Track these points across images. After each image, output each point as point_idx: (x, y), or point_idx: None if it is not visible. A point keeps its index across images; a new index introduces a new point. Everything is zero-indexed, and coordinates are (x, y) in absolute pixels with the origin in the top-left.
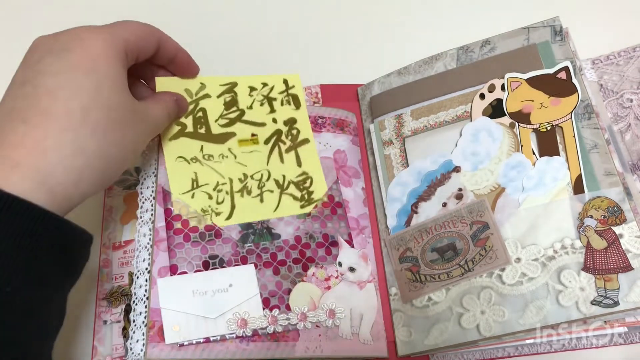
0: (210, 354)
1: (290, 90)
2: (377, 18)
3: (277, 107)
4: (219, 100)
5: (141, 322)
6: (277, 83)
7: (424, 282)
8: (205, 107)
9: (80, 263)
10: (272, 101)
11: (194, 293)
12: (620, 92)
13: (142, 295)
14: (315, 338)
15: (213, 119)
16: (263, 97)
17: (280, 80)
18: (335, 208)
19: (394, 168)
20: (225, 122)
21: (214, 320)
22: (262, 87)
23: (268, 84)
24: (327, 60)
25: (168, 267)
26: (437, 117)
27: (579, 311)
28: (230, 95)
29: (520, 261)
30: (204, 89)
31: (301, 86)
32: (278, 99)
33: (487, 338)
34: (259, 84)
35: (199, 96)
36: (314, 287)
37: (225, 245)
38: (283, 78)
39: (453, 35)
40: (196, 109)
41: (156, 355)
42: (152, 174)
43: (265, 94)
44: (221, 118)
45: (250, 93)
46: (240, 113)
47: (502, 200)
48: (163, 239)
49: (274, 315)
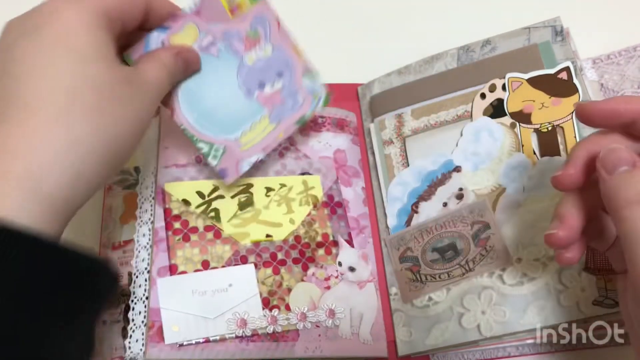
0: (210, 354)
1: (309, 191)
2: (377, 18)
3: (296, 207)
4: (233, 201)
5: (140, 322)
6: (295, 184)
7: (424, 282)
8: (218, 208)
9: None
10: (290, 202)
11: (194, 293)
12: (621, 92)
13: (142, 295)
14: (315, 338)
15: (226, 219)
16: (280, 198)
17: (299, 181)
18: (335, 208)
19: (395, 168)
20: (239, 222)
21: (213, 320)
22: (280, 187)
23: (286, 185)
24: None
25: (167, 267)
26: (438, 117)
27: (580, 311)
28: (245, 195)
29: (521, 261)
30: (217, 190)
31: (320, 187)
32: (297, 199)
33: (487, 338)
34: (277, 184)
35: (212, 197)
36: (314, 287)
37: (225, 245)
38: (302, 179)
39: (454, 35)
40: (208, 209)
41: (156, 355)
42: (152, 174)
43: (283, 194)
44: (234, 218)
45: (267, 193)
46: (255, 213)
47: (503, 200)
48: (162, 239)
49: (273, 315)
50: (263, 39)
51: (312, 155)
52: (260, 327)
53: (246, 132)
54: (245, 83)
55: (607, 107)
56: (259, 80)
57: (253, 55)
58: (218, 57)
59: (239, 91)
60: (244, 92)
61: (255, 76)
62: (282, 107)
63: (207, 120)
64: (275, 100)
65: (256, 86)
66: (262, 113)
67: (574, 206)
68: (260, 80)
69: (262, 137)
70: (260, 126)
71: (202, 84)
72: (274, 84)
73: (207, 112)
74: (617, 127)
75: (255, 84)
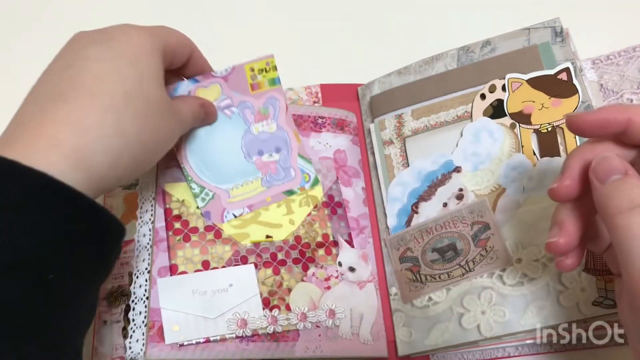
0: (210, 354)
1: (309, 192)
2: (377, 18)
3: (295, 208)
4: None
5: (141, 322)
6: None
7: (424, 282)
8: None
9: (113, 257)
10: (290, 202)
11: (194, 293)
12: (621, 92)
13: (142, 295)
14: (315, 338)
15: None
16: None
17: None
18: (335, 208)
19: (395, 168)
20: (239, 223)
21: (213, 320)
22: None
23: None
24: (327, 60)
25: (168, 267)
26: (438, 117)
27: (579, 312)
28: None
29: (521, 262)
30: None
31: (320, 187)
32: (296, 200)
33: (487, 338)
34: None
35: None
36: (314, 287)
37: (225, 245)
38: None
39: (454, 35)
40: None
41: (156, 355)
42: (152, 174)
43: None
44: (234, 219)
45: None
46: (255, 214)
47: (503, 200)
48: (163, 239)
49: (274, 315)
50: (271, 117)
51: (312, 155)
52: (260, 327)
53: (238, 186)
54: (247, 147)
55: (596, 117)
56: (259, 149)
57: (259, 127)
58: (230, 119)
59: (240, 152)
60: (244, 154)
61: (257, 144)
62: (275, 175)
63: (206, 167)
64: (270, 168)
65: (256, 152)
66: (256, 175)
67: (572, 212)
68: (260, 149)
69: (251, 196)
70: (252, 186)
71: (210, 136)
72: (272, 155)
73: (208, 161)
74: (608, 137)
75: (256, 150)
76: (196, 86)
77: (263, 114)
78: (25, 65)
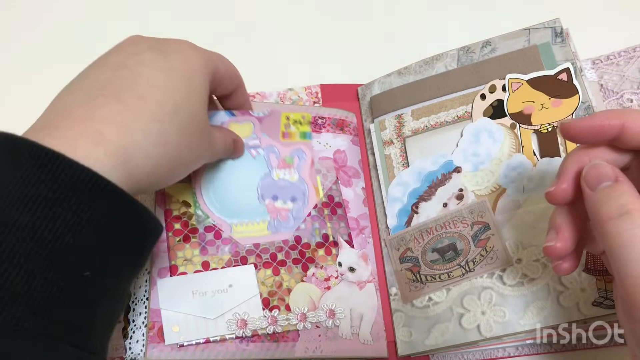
0: (210, 354)
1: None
2: (378, 18)
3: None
4: None
5: (141, 323)
6: None
7: (424, 283)
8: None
9: (147, 255)
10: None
11: (194, 294)
12: (621, 92)
13: (142, 296)
14: (315, 338)
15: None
16: None
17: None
18: (335, 208)
19: (395, 168)
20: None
21: (213, 320)
22: None
23: None
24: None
25: (168, 267)
26: (438, 118)
27: (579, 312)
28: None
29: (521, 262)
30: None
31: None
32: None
33: (487, 338)
34: None
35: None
36: (313, 287)
37: (225, 245)
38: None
39: (454, 35)
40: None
41: (156, 355)
42: None
43: None
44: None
45: None
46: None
47: (503, 201)
48: (163, 239)
49: (273, 315)
50: (295, 167)
51: (313, 155)
52: (260, 327)
53: (243, 224)
54: (263, 189)
55: (590, 124)
56: (275, 194)
57: (281, 174)
58: (254, 159)
59: (255, 192)
60: (259, 194)
61: (274, 189)
62: (284, 222)
63: (217, 198)
64: (281, 215)
65: (270, 196)
66: (264, 217)
67: (569, 216)
68: (276, 194)
69: (254, 236)
70: (257, 227)
71: (230, 170)
72: (286, 203)
73: (220, 192)
74: (602, 143)
75: (271, 194)
76: (230, 119)
77: (288, 162)
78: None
